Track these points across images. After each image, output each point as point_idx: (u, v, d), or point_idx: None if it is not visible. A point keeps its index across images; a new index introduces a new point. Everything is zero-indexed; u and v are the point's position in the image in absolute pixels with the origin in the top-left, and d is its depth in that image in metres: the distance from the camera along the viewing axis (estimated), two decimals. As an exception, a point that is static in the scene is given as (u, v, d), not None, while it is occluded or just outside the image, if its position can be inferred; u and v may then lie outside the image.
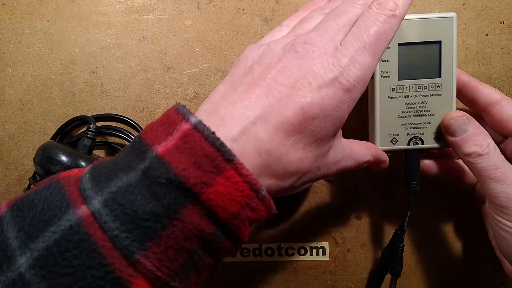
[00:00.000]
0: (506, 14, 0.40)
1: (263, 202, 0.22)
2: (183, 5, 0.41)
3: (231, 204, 0.21)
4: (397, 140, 0.33)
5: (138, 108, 0.41)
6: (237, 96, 0.23)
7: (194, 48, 0.41)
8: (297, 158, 0.23)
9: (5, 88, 0.41)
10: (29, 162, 0.41)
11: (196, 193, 0.20)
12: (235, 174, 0.21)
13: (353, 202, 0.40)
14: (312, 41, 0.24)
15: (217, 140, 0.21)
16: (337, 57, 0.23)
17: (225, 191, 0.21)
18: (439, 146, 0.33)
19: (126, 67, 0.41)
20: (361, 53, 0.23)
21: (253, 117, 0.22)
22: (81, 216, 0.20)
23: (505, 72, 0.40)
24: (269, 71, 0.23)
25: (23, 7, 0.41)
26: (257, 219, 0.22)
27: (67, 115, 0.41)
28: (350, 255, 0.40)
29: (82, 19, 0.41)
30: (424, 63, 0.33)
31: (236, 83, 0.25)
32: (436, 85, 0.33)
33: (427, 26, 0.33)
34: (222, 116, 0.23)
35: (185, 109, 0.23)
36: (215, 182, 0.20)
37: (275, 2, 0.41)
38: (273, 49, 0.25)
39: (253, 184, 0.21)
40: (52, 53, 0.41)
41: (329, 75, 0.23)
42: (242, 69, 0.25)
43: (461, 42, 0.40)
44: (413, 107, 0.33)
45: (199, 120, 0.22)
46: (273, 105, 0.22)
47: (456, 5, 0.40)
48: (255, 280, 0.40)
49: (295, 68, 0.23)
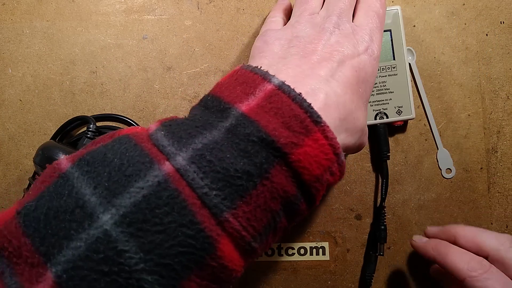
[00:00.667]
0: (506, 14, 0.40)
1: (340, 167, 0.22)
2: (183, 5, 0.41)
3: (316, 167, 0.21)
4: None
5: (138, 108, 0.41)
6: (297, 61, 0.25)
7: (194, 48, 0.41)
8: (361, 115, 0.26)
9: (5, 88, 0.41)
10: (29, 162, 0.41)
11: (286, 153, 0.20)
12: (322, 137, 0.21)
13: (353, 202, 0.40)
14: (337, 24, 0.27)
15: (304, 101, 0.21)
16: (360, 34, 0.27)
17: (312, 153, 0.21)
18: (401, 119, 0.38)
19: (126, 67, 0.41)
20: (376, 30, 0.28)
21: (324, 75, 0.24)
22: (167, 172, 0.19)
23: (505, 72, 0.40)
24: (316, 44, 0.26)
25: (23, 7, 0.41)
26: (332, 184, 0.23)
27: (67, 115, 0.41)
28: (350, 255, 0.40)
29: (82, 19, 0.41)
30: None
31: (285, 53, 0.26)
32: (391, 67, 0.38)
33: None
34: (292, 75, 0.23)
35: (262, 70, 0.23)
36: (304, 143, 0.21)
37: (275, 2, 0.41)
38: (305, 29, 0.28)
39: (336, 147, 0.22)
40: (52, 53, 0.41)
41: (361, 47, 0.27)
42: (281, 46, 0.27)
43: (461, 42, 0.40)
44: (375, 86, 0.38)
45: (282, 81, 0.22)
46: (335, 67, 0.25)
47: (456, 5, 0.40)
48: (255, 280, 0.40)
49: (336, 43, 0.26)
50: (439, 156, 0.40)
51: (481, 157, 0.40)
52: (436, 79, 0.40)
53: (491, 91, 0.40)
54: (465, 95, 0.40)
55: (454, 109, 0.40)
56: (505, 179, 0.40)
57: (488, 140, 0.40)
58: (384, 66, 0.38)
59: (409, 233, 0.40)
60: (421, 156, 0.40)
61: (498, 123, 0.40)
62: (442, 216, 0.40)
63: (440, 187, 0.40)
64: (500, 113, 0.40)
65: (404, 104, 0.38)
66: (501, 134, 0.40)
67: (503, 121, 0.40)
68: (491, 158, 0.40)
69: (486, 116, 0.40)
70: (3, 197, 0.41)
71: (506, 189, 0.40)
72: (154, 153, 0.20)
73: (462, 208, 0.40)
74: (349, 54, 0.26)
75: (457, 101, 0.40)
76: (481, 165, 0.40)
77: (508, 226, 0.40)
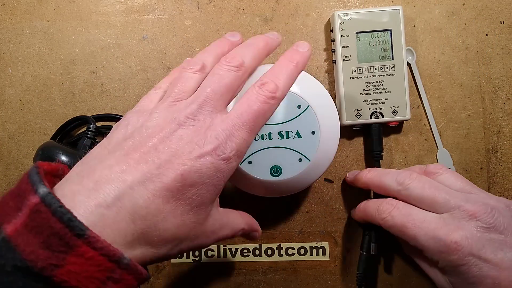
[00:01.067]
0: (506, 14, 0.40)
1: (128, 270, 0.21)
2: (183, 5, 0.41)
3: (89, 282, 0.19)
4: (360, 114, 0.38)
5: (138, 108, 0.41)
6: (115, 159, 0.23)
7: (194, 48, 0.41)
8: (174, 225, 0.23)
9: (5, 88, 0.41)
10: (29, 162, 0.41)
11: (48, 276, 0.19)
12: (89, 249, 0.19)
13: (353, 202, 0.40)
14: (193, 115, 0.24)
15: (65, 214, 0.19)
16: (216, 131, 0.24)
17: (79, 270, 0.19)
18: (397, 119, 0.38)
19: (126, 67, 0.41)
20: (239, 129, 0.24)
21: (130, 182, 0.22)
22: None
23: (505, 72, 0.40)
24: (150, 139, 0.24)
25: (23, 7, 0.41)
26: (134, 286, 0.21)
27: (67, 115, 0.41)
28: (350, 255, 0.40)
29: (82, 19, 0.41)
30: (378, 48, 0.38)
31: (115, 147, 0.24)
32: (390, 66, 0.38)
33: (379, 17, 0.38)
34: (96, 179, 0.22)
35: (38, 175, 0.21)
36: (66, 262, 0.19)
37: (275, 2, 0.41)
38: (155, 119, 0.25)
39: (112, 255, 0.20)
40: (52, 53, 0.41)
41: (208, 147, 0.23)
42: (121, 135, 0.25)
43: (461, 42, 0.40)
44: (372, 85, 0.38)
45: (48, 191, 0.20)
46: (152, 170, 0.22)
47: (456, 5, 0.40)
48: (255, 280, 0.40)
49: (176, 138, 0.24)
50: (439, 156, 0.40)
51: (481, 157, 0.40)
52: (436, 79, 0.40)
53: (491, 91, 0.40)
54: (465, 95, 0.40)
55: (454, 109, 0.40)
56: (505, 179, 0.40)
57: (488, 140, 0.40)
58: (382, 65, 0.38)
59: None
60: (421, 156, 0.40)
61: (498, 123, 0.40)
62: (442, 216, 0.40)
63: (440, 187, 0.40)
64: (500, 113, 0.40)
65: (400, 105, 0.38)
66: (501, 134, 0.40)
67: (503, 121, 0.40)
68: (491, 158, 0.40)
69: (486, 116, 0.40)
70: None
71: (506, 189, 0.40)
72: None
73: (462, 208, 0.40)
74: (184, 154, 0.23)
75: (457, 101, 0.40)
76: (481, 165, 0.40)
77: (508, 226, 0.40)
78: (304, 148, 0.33)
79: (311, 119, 0.33)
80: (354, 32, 0.38)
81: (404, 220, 0.31)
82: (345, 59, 0.38)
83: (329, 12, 0.41)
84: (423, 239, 0.30)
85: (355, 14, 0.38)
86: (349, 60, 0.38)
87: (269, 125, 0.33)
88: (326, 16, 0.41)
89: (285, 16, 0.41)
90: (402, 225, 0.31)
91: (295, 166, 0.33)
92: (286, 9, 0.41)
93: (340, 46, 0.38)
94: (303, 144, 0.33)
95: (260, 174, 0.33)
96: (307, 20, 0.41)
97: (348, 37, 0.38)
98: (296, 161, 0.33)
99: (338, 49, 0.38)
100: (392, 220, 0.32)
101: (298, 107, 0.33)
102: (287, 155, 0.33)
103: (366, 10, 0.38)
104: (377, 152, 0.38)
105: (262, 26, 0.41)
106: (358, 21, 0.38)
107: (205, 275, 0.40)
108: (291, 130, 0.33)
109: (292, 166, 0.33)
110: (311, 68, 0.41)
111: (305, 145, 0.33)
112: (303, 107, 0.33)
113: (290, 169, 0.33)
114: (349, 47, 0.38)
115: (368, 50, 0.38)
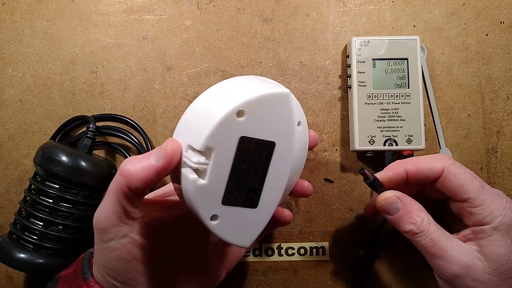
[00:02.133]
0: (506, 14, 0.40)
1: None
2: (183, 5, 0.41)
3: None
4: (374, 141, 0.38)
5: (138, 108, 0.41)
6: None
7: (194, 48, 0.41)
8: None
9: (5, 88, 0.41)
10: (29, 162, 0.41)
11: None
12: None
13: (353, 202, 0.40)
14: None
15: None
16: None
17: None
18: (411, 148, 0.37)
19: (126, 67, 0.41)
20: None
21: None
22: None
23: (505, 72, 0.40)
24: None
25: (23, 7, 0.41)
26: None
27: (67, 115, 0.41)
28: (350, 255, 0.40)
29: (82, 19, 0.41)
30: (394, 76, 0.38)
31: None
32: (405, 95, 0.38)
33: (396, 45, 0.38)
34: None
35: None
36: None
37: (275, 2, 0.41)
38: None
39: None
40: (52, 53, 0.41)
41: None
42: None
43: (461, 42, 0.40)
44: (387, 112, 0.38)
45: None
46: None
47: (456, 5, 0.40)
48: (255, 280, 0.40)
49: None
50: (439, 156, 0.40)
51: (481, 157, 0.40)
52: (436, 79, 0.40)
53: (491, 91, 0.40)
54: (465, 95, 0.40)
55: (454, 109, 0.40)
56: (505, 179, 0.40)
57: (488, 140, 0.40)
58: (398, 93, 0.38)
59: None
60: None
61: (498, 123, 0.40)
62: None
63: (440, 187, 0.40)
64: (500, 113, 0.40)
65: (415, 133, 0.38)
66: (501, 134, 0.40)
67: (503, 121, 0.40)
68: (491, 158, 0.40)
69: (486, 116, 0.40)
70: (3, 197, 0.41)
71: (506, 189, 0.40)
72: None
73: (462, 208, 0.40)
74: None
75: (457, 101, 0.40)
76: (481, 165, 0.40)
77: (508, 226, 0.40)
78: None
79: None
80: (371, 59, 0.38)
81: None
82: (360, 84, 0.38)
83: (329, 12, 0.41)
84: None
85: (372, 41, 0.38)
86: (365, 86, 0.38)
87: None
88: (326, 16, 0.41)
89: (285, 16, 0.41)
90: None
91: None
92: (286, 9, 0.41)
93: (356, 72, 0.38)
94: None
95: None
96: (307, 20, 0.41)
97: (364, 63, 0.38)
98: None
99: (354, 75, 0.38)
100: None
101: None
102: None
103: (384, 38, 0.38)
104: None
105: (262, 26, 0.41)
106: (375, 48, 0.38)
107: (205, 275, 0.40)
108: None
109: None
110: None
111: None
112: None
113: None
114: (365, 73, 0.38)
115: (384, 77, 0.38)
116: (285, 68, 0.41)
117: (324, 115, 0.40)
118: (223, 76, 0.41)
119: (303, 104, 0.40)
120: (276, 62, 0.41)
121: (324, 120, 0.40)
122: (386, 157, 0.38)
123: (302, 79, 0.41)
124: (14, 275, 0.40)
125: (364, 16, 0.41)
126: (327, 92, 0.40)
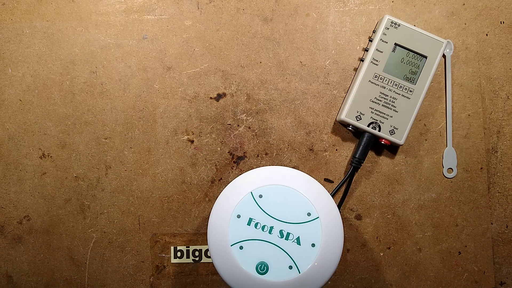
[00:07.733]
0: (506, 14, 0.40)
1: None
2: (183, 5, 0.41)
3: None
4: (361, 118, 0.38)
5: (138, 108, 0.41)
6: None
7: (194, 48, 0.41)
8: None
9: (5, 88, 0.41)
10: (29, 162, 0.41)
11: None
12: None
13: (353, 202, 0.40)
14: None
15: None
16: None
17: None
18: (390, 139, 0.38)
19: (126, 67, 0.41)
20: None
21: None
22: None
23: (505, 72, 0.40)
24: None
25: (23, 7, 0.41)
26: None
27: (67, 115, 0.41)
28: (350, 255, 0.40)
29: (82, 19, 0.41)
30: (408, 68, 0.38)
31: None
32: (409, 89, 0.38)
33: (423, 41, 0.38)
34: None
35: None
36: None
37: (275, 2, 0.41)
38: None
39: None
40: (52, 53, 0.41)
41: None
42: None
43: (461, 42, 0.40)
44: (385, 98, 0.38)
45: None
46: None
47: (456, 5, 0.40)
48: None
49: None
50: (446, 154, 0.40)
51: (481, 157, 0.40)
52: (436, 79, 0.40)
53: (491, 91, 0.40)
54: (465, 95, 0.40)
55: (454, 109, 0.40)
56: (505, 179, 0.40)
57: (488, 140, 0.40)
58: (402, 85, 0.38)
59: (409, 233, 0.40)
60: (421, 156, 0.40)
61: (498, 123, 0.40)
62: (442, 216, 0.40)
63: (440, 187, 0.40)
64: (500, 113, 0.40)
65: (400, 127, 0.38)
66: (501, 134, 0.40)
67: (503, 121, 0.40)
68: (491, 158, 0.40)
69: (486, 116, 0.40)
70: (3, 197, 0.41)
71: (506, 189, 0.40)
72: None
73: (462, 208, 0.40)
74: None
75: (457, 101, 0.40)
76: (481, 165, 0.40)
77: (508, 226, 0.40)
78: (298, 257, 0.31)
79: (315, 231, 0.31)
80: (393, 43, 0.38)
81: None
82: (373, 62, 0.38)
83: (329, 12, 0.41)
84: None
85: (403, 26, 0.38)
86: (376, 65, 0.38)
87: (274, 219, 0.31)
88: (326, 16, 0.41)
89: (285, 16, 0.41)
90: None
91: (283, 272, 0.31)
92: (286, 9, 0.41)
93: (375, 49, 0.38)
94: (299, 253, 0.31)
95: (246, 264, 0.31)
96: (307, 20, 0.41)
97: (386, 44, 0.38)
98: (285, 267, 0.31)
99: (371, 50, 0.38)
100: None
101: (308, 214, 0.31)
102: (279, 256, 0.31)
103: (415, 28, 0.38)
104: (358, 159, 0.38)
105: (262, 26, 0.41)
106: (402, 34, 0.38)
107: (205, 275, 0.40)
108: (292, 233, 0.31)
109: (280, 270, 0.31)
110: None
111: (300, 255, 0.31)
112: (312, 216, 0.31)
113: (276, 273, 0.31)
114: (382, 53, 0.38)
115: (398, 65, 0.38)
116: (285, 68, 0.41)
117: (324, 115, 0.40)
118: (223, 76, 0.41)
119: (303, 104, 0.40)
120: (276, 62, 0.41)
121: (324, 120, 0.40)
122: (364, 138, 0.38)
123: (302, 79, 0.41)
124: (14, 275, 0.40)
125: (364, 16, 0.41)
126: (327, 92, 0.41)
